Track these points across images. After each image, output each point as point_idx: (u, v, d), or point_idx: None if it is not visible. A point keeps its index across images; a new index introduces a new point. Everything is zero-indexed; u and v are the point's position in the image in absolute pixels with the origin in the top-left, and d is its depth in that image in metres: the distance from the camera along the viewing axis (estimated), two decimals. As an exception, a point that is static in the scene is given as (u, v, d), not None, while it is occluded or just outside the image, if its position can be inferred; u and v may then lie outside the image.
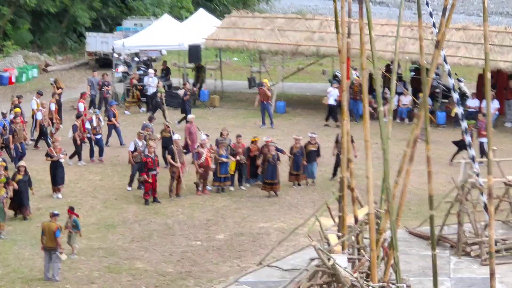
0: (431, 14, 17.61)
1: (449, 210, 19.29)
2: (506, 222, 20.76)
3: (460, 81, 34.93)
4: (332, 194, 17.10)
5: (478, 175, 18.34)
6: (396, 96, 32.97)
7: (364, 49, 14.19)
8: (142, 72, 37.68)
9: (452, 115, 31.72)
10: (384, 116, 14.72)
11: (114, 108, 29.63)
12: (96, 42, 46.41)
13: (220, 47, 39.17)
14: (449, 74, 18.89)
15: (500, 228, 20.20)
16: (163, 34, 37.88)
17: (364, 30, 14.18)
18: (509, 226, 20.66)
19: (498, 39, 32.11)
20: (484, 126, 26.19)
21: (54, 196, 23.07)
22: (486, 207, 16.80)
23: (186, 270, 18.22)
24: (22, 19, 48.54)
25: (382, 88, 32.30)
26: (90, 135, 27.03)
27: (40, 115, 28.51)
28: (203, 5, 55.45)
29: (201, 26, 38.86)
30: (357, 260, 15.37)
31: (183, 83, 33.98)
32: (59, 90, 33.09)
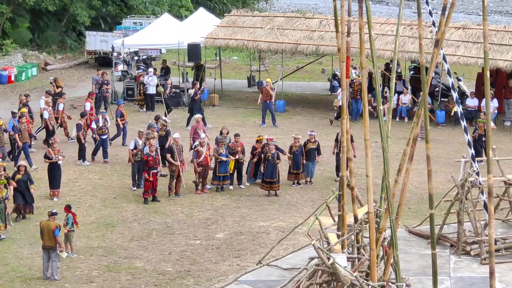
0: (430, 13, 17.59)
1: (449, 209, 19.27)
2: (506, 221, 20.77)
3: (459, 80, 34.94)
4: (332, 193, 17.10)
5: (478, 173, 18.33)
6: (396, 95, 32.96)
7: (364, 48, 14.15)
8: (141, 70, 37.63)
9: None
10: (384, 115, 14.71)
11: (122, 107, 28.99)
12: (95, 41, 46.31)
13: (219, 46, 39.16)
14: (448, 73, 18.87)
15: (500, 227, 20.20)
16: (162, 33, 37.81)
17: (363, 29, 14.15)
18: (509, 225, 20.67)
19: (498, 38, 32.13)
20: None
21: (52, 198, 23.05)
22: (486, 206, 16.79)
23: (186, 269, 18.21)
24: (21, 18, 48.44)
25: (381, 87, 32.33)
26: (95, 135, 26.96)
27: (47, 114, 28.46)
28: (202, 4, 55.44)
29: (200, 25, 38.80)
30: (356, 259, 15.33)
31: (193, 82, 33.76)
32: (58, 89, 33.06)
